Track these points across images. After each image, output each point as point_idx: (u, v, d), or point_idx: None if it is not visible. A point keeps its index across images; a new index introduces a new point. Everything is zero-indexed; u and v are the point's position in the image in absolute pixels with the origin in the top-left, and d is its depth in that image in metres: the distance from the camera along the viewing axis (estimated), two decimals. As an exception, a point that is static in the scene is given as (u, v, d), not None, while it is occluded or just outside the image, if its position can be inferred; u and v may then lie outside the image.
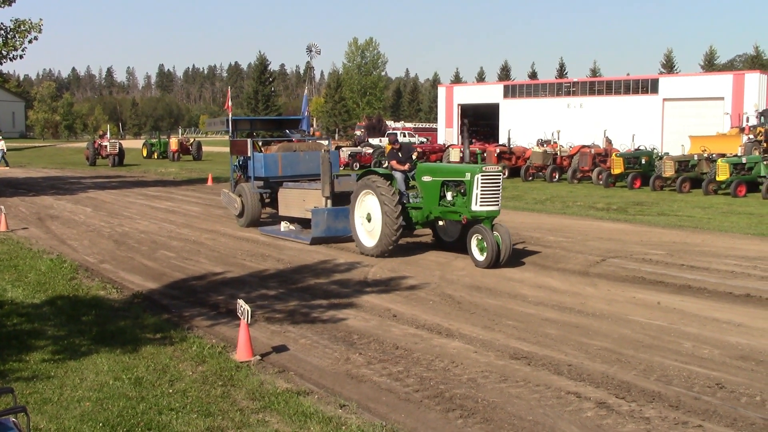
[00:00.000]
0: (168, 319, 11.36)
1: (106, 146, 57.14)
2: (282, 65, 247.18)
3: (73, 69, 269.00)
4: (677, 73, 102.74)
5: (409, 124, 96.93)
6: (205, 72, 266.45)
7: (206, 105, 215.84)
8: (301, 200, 20.35)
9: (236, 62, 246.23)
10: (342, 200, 18.81)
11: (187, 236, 20.10)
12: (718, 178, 31.78)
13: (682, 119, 58.10)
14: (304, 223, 20.06)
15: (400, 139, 32.92)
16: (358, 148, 56.29)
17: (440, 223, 17.03)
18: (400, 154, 17.65)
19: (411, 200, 16.98)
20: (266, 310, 11.92)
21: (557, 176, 40.00)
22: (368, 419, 7.38)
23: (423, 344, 10.00)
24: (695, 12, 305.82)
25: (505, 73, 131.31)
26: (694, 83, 63.98)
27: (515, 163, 42.64)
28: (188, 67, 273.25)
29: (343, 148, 18.20)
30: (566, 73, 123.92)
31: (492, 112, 73.94)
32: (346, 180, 20.49)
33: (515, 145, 45.39)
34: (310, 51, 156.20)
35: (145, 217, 24.66)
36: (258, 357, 9.34)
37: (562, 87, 71.10)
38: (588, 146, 42.10)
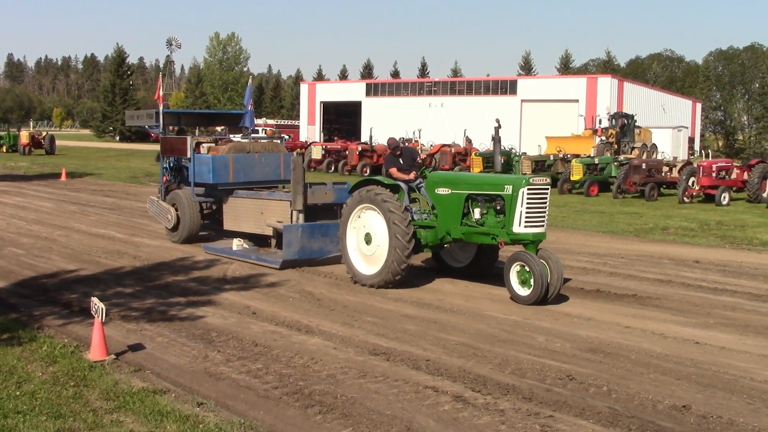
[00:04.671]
0: (16, 319, 10.89)
1: (-52, 138, 54.66)
2: (141, 58, 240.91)
3: None
4: (535, 75, 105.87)
5: (271, 121, 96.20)
6: (59, 63, 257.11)
7: (60, 97, 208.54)
8: (257, 213, 16.97)
9: (92, 54, 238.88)
10: (313, 214, 16.06)
11: (38, 233, 19.35)
12: (572, 178, 33.09)
13: (539, 120, 60.11)
14: (258, 241, 17.20)
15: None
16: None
17: (445, 245, 14.20)
18: (401, 160, 14.92)
19: (416, 217, 13.97)
20: (122, 308, 11.61)
21: (418, 174, 40.45)
22: (226, 417, 7.29)
23: (282, 341, 9.95)
24: (552, 16, 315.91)
25: (367, 72, 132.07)
26: (550, 85, 66.34)
27: (377, 162, 42.97)
28: (41, 58, 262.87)
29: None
30: (428, 73, 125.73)
31: (354, 110, 74.60)
32: (321, 190, 16.69)
33: (377, 144, 45.79)
34: (170, 44, 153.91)
35: (-7, 212, 23.62)
36: (113, 356, 9.08)
37: (424, 86, 72.36)
38: (448, 145, 43.00)
